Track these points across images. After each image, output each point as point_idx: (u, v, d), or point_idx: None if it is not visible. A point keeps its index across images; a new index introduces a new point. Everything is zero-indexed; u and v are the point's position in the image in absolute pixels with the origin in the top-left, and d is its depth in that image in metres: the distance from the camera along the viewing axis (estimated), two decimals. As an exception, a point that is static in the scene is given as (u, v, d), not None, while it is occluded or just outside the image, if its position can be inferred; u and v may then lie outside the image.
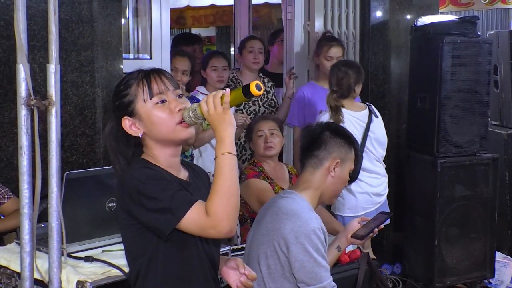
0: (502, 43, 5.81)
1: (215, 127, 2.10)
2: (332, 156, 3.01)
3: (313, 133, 3.10)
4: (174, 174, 2.26)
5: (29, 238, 2.30)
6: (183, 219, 2.07)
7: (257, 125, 4.32)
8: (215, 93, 2.09)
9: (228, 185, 2.07)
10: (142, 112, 2.20)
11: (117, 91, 2.26)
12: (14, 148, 3.85)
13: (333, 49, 5.04)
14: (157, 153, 2.24)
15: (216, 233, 2.08)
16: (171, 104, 2.19)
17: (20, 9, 2.23)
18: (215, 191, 2.07)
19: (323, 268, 2.83)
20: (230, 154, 2.09)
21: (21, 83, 2.24)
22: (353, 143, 3.11)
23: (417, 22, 5.20)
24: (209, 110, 2.08)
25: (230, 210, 2.07)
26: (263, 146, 4.21)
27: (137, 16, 4.90)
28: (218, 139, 2.10)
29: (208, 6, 12.58)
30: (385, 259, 5.51)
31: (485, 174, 5.06)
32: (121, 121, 2.21)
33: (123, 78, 2.30)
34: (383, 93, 5.62)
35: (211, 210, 2.05)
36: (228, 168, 2.08)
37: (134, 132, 2.22)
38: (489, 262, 5.15)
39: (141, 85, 2.20)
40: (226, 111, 2.08)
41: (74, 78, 4.09)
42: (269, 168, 4.22)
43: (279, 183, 4.17)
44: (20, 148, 2.25)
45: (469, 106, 4.97)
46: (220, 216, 2.05)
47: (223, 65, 4.98)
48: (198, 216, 2.07)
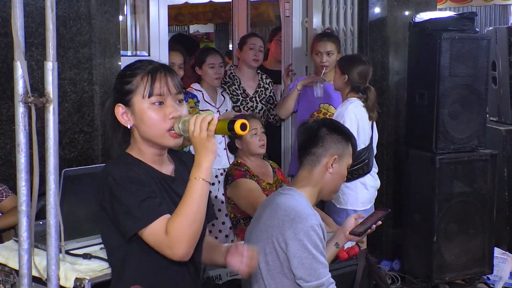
0: (500, 39, 5.81)
1: (196, 149, 2.10)
2: (329, 153, 3.01)
3: (310, 130, 3.09)
4: (158, 169, 2.26)
5: (27, 235, 2.30)
6: (143, 230, 2.08)
7: (250, 123, 4.28)
8: (204, 116, 2.08)
9: (193, 210, 2.07)
10: (137, 107, 2.19)
11: (122, 75, 2.26)
12: (12, 145, 3.85)
13: (322, 44, 5.05)
14: (143, 148, 2.24)
15: (170, 253, 2.08)
16: (167, 109, 2.18)
17: (18, 6, 2.22)
18: (179, 213, 2.06)
19: (322, 264, 2.83)
20: (204, 181, 2.08)
21: (18, 80, 2.24)
22: (350, 138, 3.11)
23: (415, 19, 5.19)
24: (194, 132, 2.07)
25: (190, 235, 2.07)
26: (258, 143, 4.21)
27: (135, 13, 4.89)
28: (196, 162, 2.10)
29: (207, 3, 12.58)
30: (384, 256, 5.52)
31: (484, 170, 5.07)
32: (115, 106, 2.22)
33: (133, 62, 2.29)
34: (382, 89, 5.62)
35: (171, 231, 2.05)
36: (198, 194, 2.07)
37: (124, 122, 2.22)
38: (487, 258, 5.16)
39: (145, 80, 2.19)
40: (209, 138, 2.07)
41: (72, 75, 4.08)
42: (253, 165, 4.21)
43: (265, 179, 4.17)
44: (18, 146, 2.25)
45: (467, 102, 4.97)
46: (177, 239, 2.05)
47: (219, 62, 5.01)
48: (158, 231, 2.07)
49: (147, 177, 2.17)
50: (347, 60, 4.75)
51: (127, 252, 2.18)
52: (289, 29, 5.60)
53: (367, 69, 4.64)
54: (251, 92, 5.34)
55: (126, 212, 2.08)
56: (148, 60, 2.27)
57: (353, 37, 5.73)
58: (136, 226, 2.08)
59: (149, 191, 2.12)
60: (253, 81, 5.39)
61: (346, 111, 4.48)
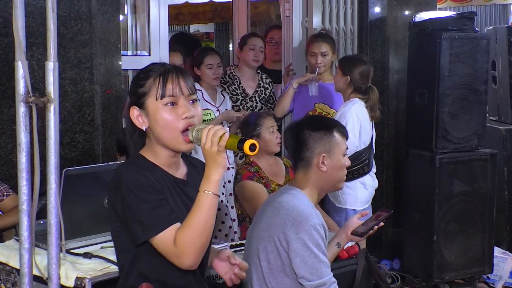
0: (500, 39, 5.81)
1: (207, 162, 2.13)
2: (316, 153, 2.99)
3: (294, 134, 3.08)
4: (172, 173, 2.29)
5: (28, 234, 2.30)
6: (152, 238, 2.12)
7: (267, 121, 4.28)
8: (217, 128, 2.10)
9: (202, 222, 2.10)
10: (151, 108, 2.22)
11: (137, 78, 2.30)
12: (12, 145, 3.85)
13: (316, 44, 5.07)
14: (157, 150, 2.27)
15: (178, 263, 2.13)
16: (180, 109, 2.21)
17: (19, 6, 2.22)
18: (189, 225, 2.10)
19: (324, 263, 2.83)
20: (213, 194, 2.11)
21: (19, 80, 2.24)
22: (331, 128, 3.06)
23: (415, 18, 5.19)
24: (205, 144, 2.10)
25: (198, 246, 2.11)
26: (276, 141, 4.22)
27: (135, 12, 4.90)
28: (206, 175, 2.13)
29: (207, 2, 12.57)
30: (384, 255, 5.52)
31: (484, 169, 5.07)
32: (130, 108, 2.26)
33: (147, 65, 2.32)
34: (382, 89, 5.62)
35: (179, 241, 2.09)
36: (207, 207, 2.11)
37: (139, 124, 2.26)
38: (487, 257, 5.16)
39: (157, 82, 2.22)
40: (220, 153, 2.10)
41: (72, 75, 4.09)
42: (265, 165, 4.20)
43: (275, 180, 4.16)
44: (19, 145, 2.25)
45: (467, 101, 4.97)
46: (185, 250, 2.09)
47: (217, 62, 5.01)
48: (167, 241, 2.11)
49: (160, 181, 2.21)
50: (348, 60, 4.75)
51: (136, 252, 2.22)
52: (289, 29, 5.61)
53: (368, 69, 4.65)
54: (251, 91, 5.34)
55: (136, 219, 2.12)
56: (161, 63, 2.31)
57: (353, 37, 5.73)
58: (146, 235, 2.13)
59: (160, 199, 2.15)
60: (253, 81, 5.40)
61: (349, 112, 4.49)
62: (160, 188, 2.19)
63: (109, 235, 3.04)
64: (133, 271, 2.25)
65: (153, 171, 2.23)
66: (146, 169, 2.21)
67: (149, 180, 2.16)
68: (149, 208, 2.11)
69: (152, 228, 2.11)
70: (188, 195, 2.28)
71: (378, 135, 4.84)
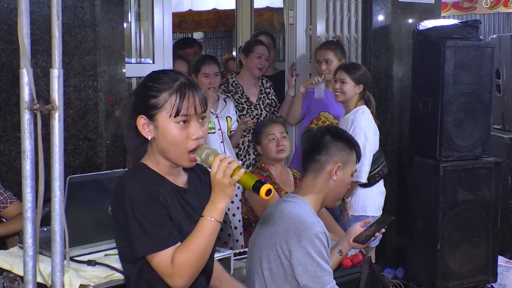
0: (504, 47, 5.82)
1: (214, 190, 2.12)
2: (333, 160, 3.01)
3: (314, 137, 3.10)
4: (172, 181, 2.28)
5: (32, 242, 2.30)
6: (149, 256, 2.13)
7: (268, 129, 4.30)
8: (230, 161, 2.10)
9: (203, 248, 2.12)
10: (161, 123, 2.19)
11: (148, 87, 2.22)
12: (17, 152, 3.85)
13: (320, 52, 5.10)
14: (159, 159, 2.26)
15: (171, 282, 2.14)
16: (191, 129, 2.19)
17: (24, 13, 2.23)
18: (189, 248, 2.12)
19: (326, 272, 2.83)
20: (216, 221, 2.13)
21: (24, 87, 2.24)
22: (354, 145, 3.11)
23: (419, 26, 5.20)
24: (216, 174, 2.09)
25: (195, 269, 2.14)
26: (276, 149, 4.22)
27: (139, 20, 4.90)
28: (212, 202, 2.13)
29: (210, 10, 12.61)
30: (387, 263, 5.51)
31: (488, 178, 5.06)
32: (137, 116, 2.22)
33: (158, 75, 2.26)
34: (386, 97, 5.62)
35: (177, 262, 2.11)
36: (209, 233, 2.13)
37: (145, 133, 2.23)
38: (491, 266, 5.15)
39: (173, 99, 2.17)
40: (230, 185, 2.10)
41: (76, 83, 4.09)
42: (275, 172, 4.23)
43: (285, 188, 4.17)
44: (23, 152, 2.25)
45: (471, 110, 4.98)
46: (182, 271, 2.11)
47: (215, 72, 4.92)
48: (164, 261, 2.12)
49: (162, 191, 2.20)
50: (356, 68, 4.70)
51: (143, 263, 2.21)
52: (293, 37, 5.61)
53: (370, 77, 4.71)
54: (254, 99, 5.34)
55: (136, 234, 2.12)
56: (175, 73, 2.26)
57: (357, 45, 5.74)
58: (145, 251, 2.13)
59: (162, 215, 2.15)
60: (255, 88, 5.41)
61: (364, 120, 4.49)
62: (163, 200, 2.19)
63: (113, 242, 3.05)
64: (140, 281, 2.24)
65: (155, 181, 2.22)
66: (149, 180, 2.21)
67: (152, 194, 2.16)
68: (151, 226, 2.11)
69: (151, 246, 2.12)
70: (189, 203, 2.28)
71: (381, 143, 4.84)
